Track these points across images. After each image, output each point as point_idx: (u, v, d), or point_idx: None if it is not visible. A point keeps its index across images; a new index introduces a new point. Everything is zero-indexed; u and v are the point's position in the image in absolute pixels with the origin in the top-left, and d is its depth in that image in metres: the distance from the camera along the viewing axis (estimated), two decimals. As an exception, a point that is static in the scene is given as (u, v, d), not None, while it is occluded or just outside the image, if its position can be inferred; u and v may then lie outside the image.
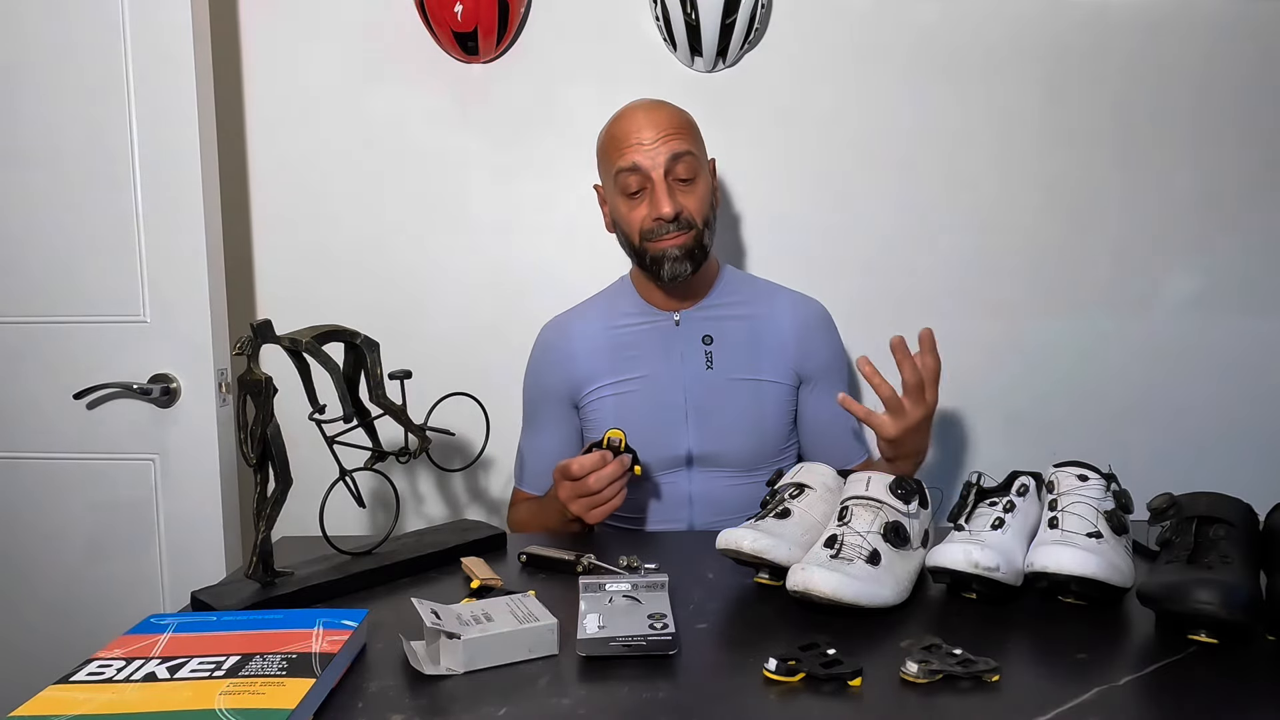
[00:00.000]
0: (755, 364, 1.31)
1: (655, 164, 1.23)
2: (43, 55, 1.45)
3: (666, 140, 1.23)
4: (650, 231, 1.25)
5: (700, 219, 1.26)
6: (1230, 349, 1.68)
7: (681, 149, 1.24)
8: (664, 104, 1.29)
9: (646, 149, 1.23)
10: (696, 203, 1.26)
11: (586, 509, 1.11)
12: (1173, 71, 1.63)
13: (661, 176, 1.23)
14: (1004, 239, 1.67)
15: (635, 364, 1.33)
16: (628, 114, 1.28)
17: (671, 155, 1.23)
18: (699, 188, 1.27)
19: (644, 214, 1.25)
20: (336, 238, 1.70)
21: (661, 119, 1.25)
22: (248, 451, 0.93)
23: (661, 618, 0.81)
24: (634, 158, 1.24)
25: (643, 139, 1.24)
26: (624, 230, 1.30)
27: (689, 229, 1.25)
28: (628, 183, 1.25)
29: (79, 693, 0.67)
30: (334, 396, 0.99)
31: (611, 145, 1.27)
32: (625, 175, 1.25)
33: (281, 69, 1.68)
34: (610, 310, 1.38)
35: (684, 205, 1.25)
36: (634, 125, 1.25)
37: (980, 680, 0.70)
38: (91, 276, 1.48)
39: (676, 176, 1.24)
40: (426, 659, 0.75)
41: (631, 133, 1.25)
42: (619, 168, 1.25)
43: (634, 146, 1.24)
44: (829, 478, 1.01)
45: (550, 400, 1.38)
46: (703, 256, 1.28)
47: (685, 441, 1.30)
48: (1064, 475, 0.92)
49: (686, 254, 1.26)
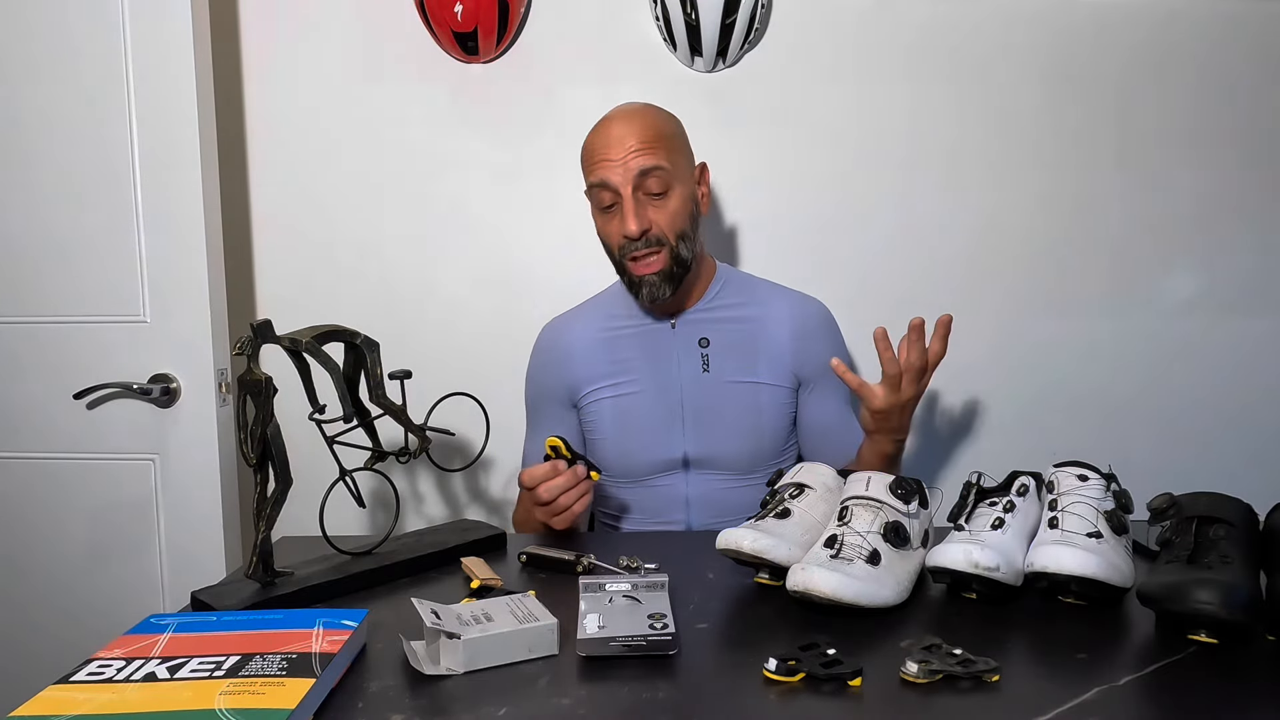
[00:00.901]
0: (752, 367, 1.31)
1: (624, 180, 1.21)
2: (43, 55, 1.45)
3: (636, 154, 1.20)
4: (624, 248, 1.24)
5: (672, 234, 1.23)
6: (1230, 349, 1.68)
7: (650, 164, 1.20)
8: (639, 113, 1.25)
9: (615, 164, 1.21)
10: (667, 218, 1.23)
11: (548, 517, 1.11)
12: (1172, 71, 1.63)
13: (630, 193, 1.21)
14: (1004, 239, 1.67)
15: (632, 367, 1.33)
16: (601, 126, 1.26)
17: (640, 170, 1.20)
18: (671, 202, 1.23)
19: (616, 229, 1.24)
20: (336, 238, 1.70)
21: (633, 131, 1.21)
22: (248, 451, 0.93)
23: (661, 618, 0.81)
24: (602, 174, 1.22)
25: (610, 155, 1.21)
26: (604, 245, 1.30)
27: (659, 246, 1.23)
28: (601, 198, 1.24)
29: (79, 693, 0.67)
30: (334, 396, 0.99)
31: (586, 159, 1.27)
32: (598, 191, 1.24)
33: (281, 69, 1.68)
34: (607, 312, 1.38)
35: (653, 220, 1.22)
36: (604, 139, 1.23)
37: (980, 680, 0.70)
38: (91, 276, 1.48)
39: (646, 191, 1.22)
40: (426, 659, 0.75)
41: (599, 148, 1.23)
42: (590, 183, 1.25)
43: (602, 162, 1.22)
44: (829, 478, 1.01)
45: (549, 401, 1.39)
46: (683, 272, 1.26)
47: (681, 444, 1.30)
48: (1064, 475, 0.92)
49: (665, 278, 1.24)
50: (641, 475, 1.31)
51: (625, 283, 1.30)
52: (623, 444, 1.30)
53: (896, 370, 1.12)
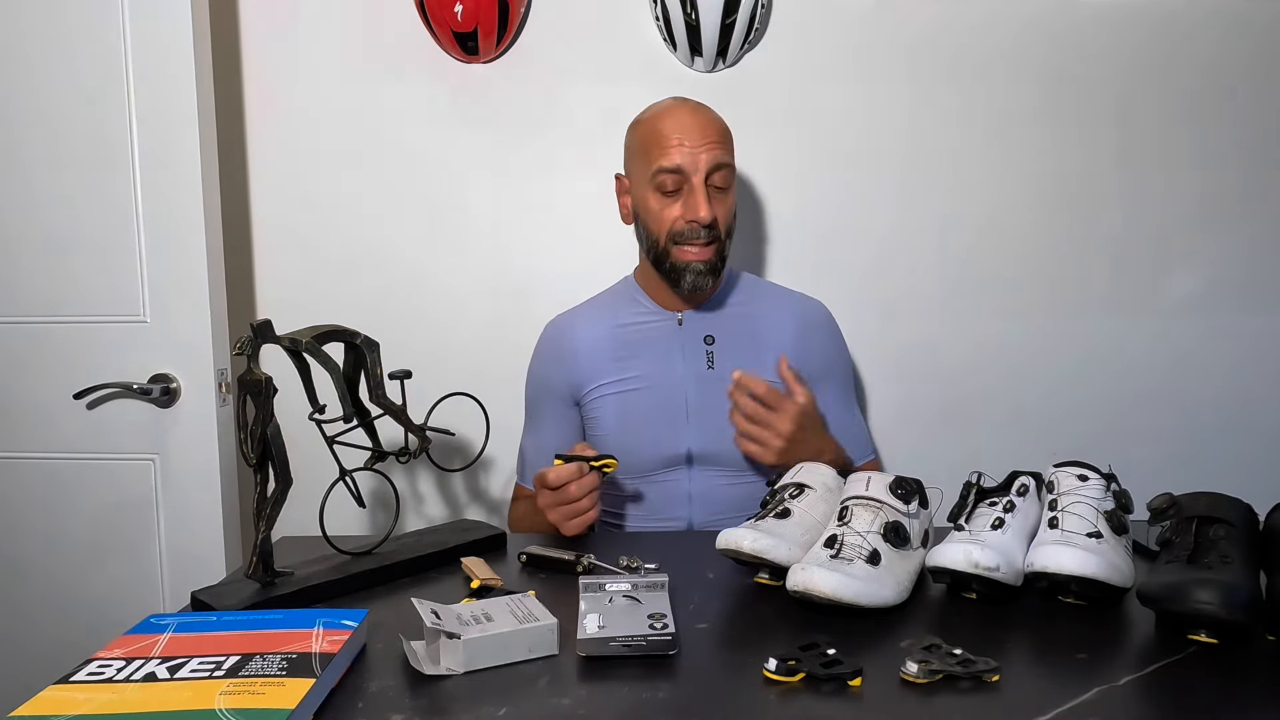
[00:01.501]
0: (757, 364, 1.31)
1: (697, 168, 1.23)
2: (43, 55, 1.45)
3: (711, 147, 1.23)
4: (681, 234, 1.25)
5: (726, 230, 1.28)
6: (1231, 349, 1.68)
7: (724, 159, 1.25)
8: (708, 109, 1.29)
9: (689, 151, 1.23)
10: (727, 213, 1.27)
11: (565, 519, 1.11)
12: (1173, 71, 1.62)
13: (702, 181, 1.23)
14: (1004, 239, 1.67)
15: (637, 363, 1.33)
16: (674, 112, 1.27)
17: (714, 163, 1.23)
18: (729, 199, 1.28)
19: (677, 214, 1.25)
20: (336, 238, 1.70)
21: (707, 124, 1.25)
22: (248, 451, 0.93)
23: (661, 618, 0.81)
24: (677, 158, 1.23)
25: (690, 141, 1.23)
26: (650, 227, 1.29)
27: (716, 240, 1.26)
28: (664, 181, 1.25)
29: (79, 693, 0.67)
30: (334, 396, 0.99)
31: (653, 141, 1.26)
32: (664, 174, 1.24)
33: (281, 69, 1.68)
34: (614, 309, 1.38)
35: (717, 213, 1.25)
36: (679, 125, 1.25)
37: (980, 680, 0.70)
38: (91, 276, 1.48)
39: (715, 184, 1.25)
40: (426, 659, 0.75)
41: (673, 131, 1.24)
42: (660, 166, 1.24)
43: (677, 146, 1.23)
44: (829, 478, 1.01)
45: (552, 398, 1.38)
46: (722, 268, 1.30)
47: (685, 441, 1.30)
48: (1064, 475, 0.92)
49: (710, 269, 1.27)
50: (644, 471, 1.31)
51: (664, 270, 1.29)
52: (626, 440, 1.30)
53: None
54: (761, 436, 1.18)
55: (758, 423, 1.17)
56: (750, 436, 1.18)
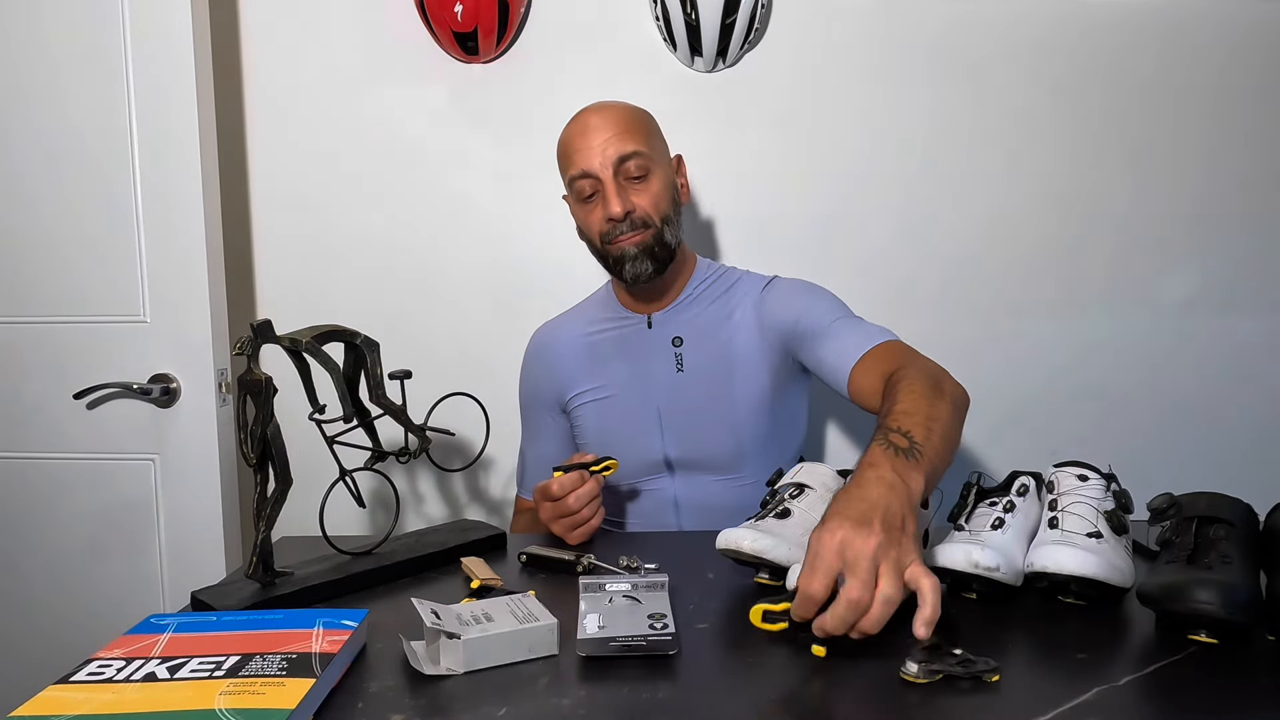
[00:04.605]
0: (726, 362, 1.28)
1: (604, 165, 1.22)
2: (42, 55, 1.45)
3: (612, 141, 1.22)
4: (607, 233, 1.25)
5: (657, 216, 1.24)
6: (1231, 349, 1.68)
7: (628, 149, 1.22)
8: (612, 104, 1.27)
9: (594, 152, 1.22)
10: (650, 200, 1.24)
11: (568, 529, 1.10)
12: (1177, 73, 1.63)
13: (610, 177, 1.22)
14: (1004, 239, 1.67)
15: (610, 369, 1.32)
16: (578, 118, 1.27)
17: (620, 154, 1.22)
18: (653, 185, 1.24)
19: (599, 216, 1.25)
20: (336, 237, 1.70)
21: (607, 120, 1.24)
22: (248, 451, 0.93)
23: (661, 618, 0.81)
24: (582, 163, 1.23)
25: (589, 143, 1.23)
26: (587, 237, 1.30)
27: (644, 228, 1.24)
28: (581, 188, 1.25)
29: (79, 693, 0.67)
30: (334, 396, 0.99)
31: (563, 154, 1.27)
32: (578, 182, 1.25)
33: (281, 69, 1.68)
34: (590, 316, 1.38)
35: (635, 204, 1.23)
36: (581, 128, 1.25)
37: (980, 680, 0.70)
38: (91, 276, 1.48)
39: (627, 175, 1.23)
40: (426, 659, 0.75)
41: (577, 138, 1.24)
42: (570, 175, 1.26)
43: (581, 151, 1.23)
44: (829, 478, 1.01)
45: (540, 407, 1.39)
46: (666, 255, 1.26)
47: (661, 447, 1.29)
48: (1064, 475, 0.92)
49: (645, 252, 1.24)
50: (626, 478, 1.30)
51: (609, 267, 1.29)
52: (604, 448, 1.27)
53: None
54: (860, 605, 0.73)
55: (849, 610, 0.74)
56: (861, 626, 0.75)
